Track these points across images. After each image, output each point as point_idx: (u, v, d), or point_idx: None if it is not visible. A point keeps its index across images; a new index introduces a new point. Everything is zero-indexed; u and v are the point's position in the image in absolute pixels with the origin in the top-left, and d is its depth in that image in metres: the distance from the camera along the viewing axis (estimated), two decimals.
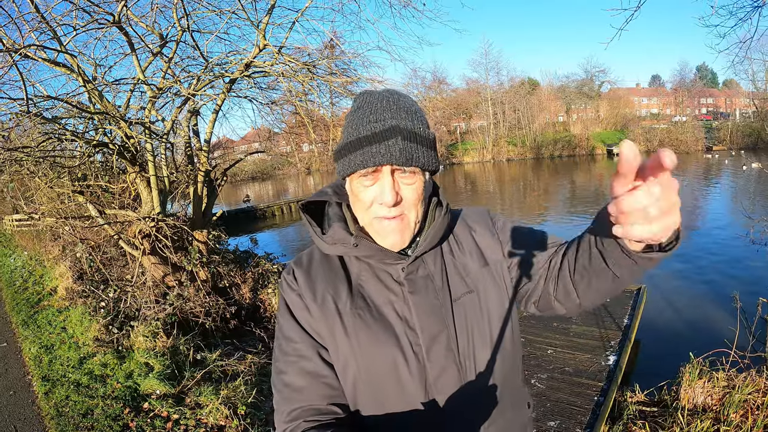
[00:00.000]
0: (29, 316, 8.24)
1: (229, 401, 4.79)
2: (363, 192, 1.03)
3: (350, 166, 1.00)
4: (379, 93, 1.06)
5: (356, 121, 1.02)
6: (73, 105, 5.85)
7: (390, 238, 1.04)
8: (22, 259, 13.20)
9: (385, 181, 1.00)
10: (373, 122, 0.99)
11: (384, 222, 1.03)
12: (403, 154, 0.97)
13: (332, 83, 7.08)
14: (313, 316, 1.08)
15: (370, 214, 1.04)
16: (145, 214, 6.77)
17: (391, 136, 0.97)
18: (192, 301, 6.88)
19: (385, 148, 0.97)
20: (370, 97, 1.05)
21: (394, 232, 1.04)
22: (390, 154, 0.97)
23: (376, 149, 0.97)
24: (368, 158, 0.97)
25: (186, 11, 5.78)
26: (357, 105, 1.06)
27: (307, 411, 1.02)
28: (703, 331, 7.37)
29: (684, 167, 32.99)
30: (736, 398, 3.95)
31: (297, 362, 1.06)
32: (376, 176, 1.01)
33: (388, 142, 0.97)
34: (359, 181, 1.02)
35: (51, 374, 5.79)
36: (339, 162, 1.05)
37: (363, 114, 1.02)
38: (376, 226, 1.05)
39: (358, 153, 0.98)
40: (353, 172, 1.01)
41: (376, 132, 0.98)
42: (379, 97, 1.04)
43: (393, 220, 1.02)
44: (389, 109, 1.01)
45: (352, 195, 1.07)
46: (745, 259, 10.34)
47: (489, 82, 56.93)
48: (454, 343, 1.07)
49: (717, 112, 61.03)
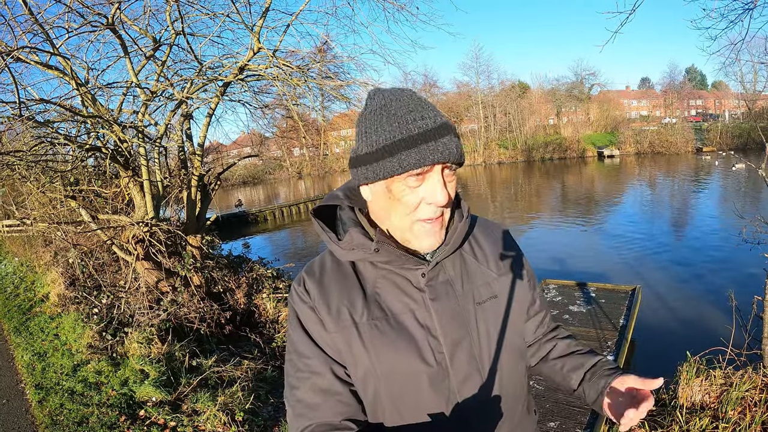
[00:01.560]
0: (21, 322, 8.15)
1: (226, 407, 4.75)
2: (409, 194, 0.96)
3: (401, 165, 0.93)
4: (398, 90, 1.00)
5: (392, 118, 0.95)
6: (65, 108, 5.80)
7: (429, 240, 1.01)
8: (13, 265, 13.07)
9: (436, 180, 0.95)
10: (420, 119, 0.94)
11: (427, 224, 0.99)
12: (459, 151, 0.96)
13: (326, 86, 7.06)
14: (327, 330, 1.04)
15: (413, 216, 0.98)
16: (138, 219, 6.71)
17: (445, 133, 0.94)
18: (186, 307, 6.82)
19: (442, 145, 0.93)
20: (395, 95, 0.99)
21: (435, 234, 1.01)
22: (449, 151, 0.93)
23: (433, 147, 0.92)
24: (425, 156, 0.92)
25: (180, 14, 5.76)
26: (380, 103, 0.98)
27: (321, 426, 0.99)
28: (699, 330, 7.42)
29: (675, 169, 33.28)
30: (733, 395, 3.96)
31: (309, 378, 1.03)
32: (423, 177, 0.95)
33: (444, 139, 0.93)
34: (404, 182, 0.95)
35: (44, 382, 5.72)
36: (374, 164, 0.96)
37: (399, 111, 0.95)
38: (417, 229, 0.99)
39: (413, 151, 0.92)
40: (404, 172, 0.93)
41: (429, 129, 0.93)
42: (407, 94, 0.99)
43: (435, 221, 0.99)
44: (428, 107, 0.97)
45: (390, 199, 0.99)
46: (739, 258, 10.44)
47: (480, 85, 57.18)
48: (477, 349, 1.05)
49: (706, 113, 61.60)
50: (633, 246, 13.40)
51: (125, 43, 6.06)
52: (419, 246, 1.02)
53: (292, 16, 6.66)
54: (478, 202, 26.20)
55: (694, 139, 43.73)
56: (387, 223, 1.03)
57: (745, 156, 29.99)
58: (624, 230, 15.51)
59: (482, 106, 55.30)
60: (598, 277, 9.80)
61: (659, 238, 14.20)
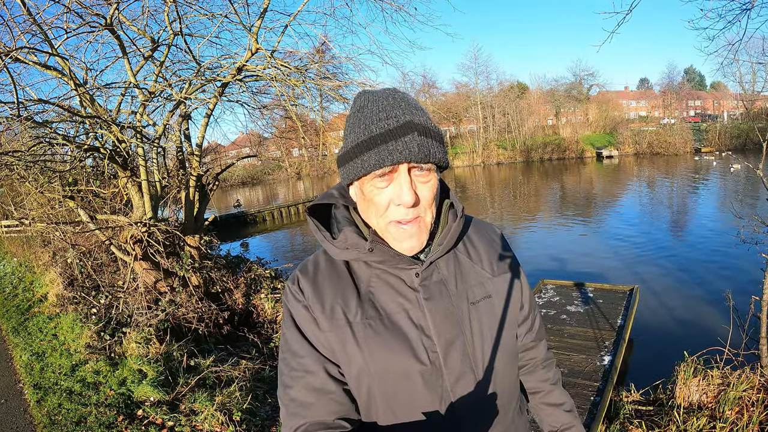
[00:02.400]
0: (20, 323, 8.14)
1: (224, 407, 4.75)
2: (377, 195, 0.97)
3: (363, 167, 0.94)
4: (382, 91, 1.02)
5: (364, 120, 0.97)
6: (64, 109, 5.80)
7: (407, 243, 1.00)
8: (12, 265, 13.06)
9: (402, 180, 0.95)
10: (385, 119, 0.94)
11: (401, 226, 0.98)
12: (422, 150, 0.93)
13: (324, 87, 7.06)
14: (321, 329, 1.04)
15: (385, 218, 0.99)
16: (136, 219, 6.71)
17: (407, 132, 0.93)
18: (184, 307, 6.82)
19: (402, 144, 0.92)
20: (374, 96, 1.00)
21: (412, 237, 1.00)
22: (408, 150, 0.92)
23: (392, 146, 0.92)
24: (385, 157, 0.92)
25: (178, 15, 5.75)
26: (359, 104, 1.01)
27: (314, 425, 0.99)
28: (696, 330, 7.44)
29: (673, 169, 33.30)
30: (731, 395, 3.97)
31: (303, 377, 1.03)
32: (390, 177, 0.95)
33: (405, 139, 0.92)
34: (372, 183, 0.96)
35: (43, 382, 5.72)
36: (347, 165, 0.99)
37: (370, 112, 0.97)
38: (392, 230, 1.00)
39: (372, 152, 0.93)
40: (366, 174, 0.95)
41: (391, 129, 0.93)
42: (384, 94, 1.00)
43: (410, 223, 0.98)
44: (398, 106, 0.96)
45: (364, 200, 1.01)
46: (737, 259, 10.47)
47: (479, 86, 57.22)
48: (470, 348, 1.06)
49: (705, 114, 61.65)
50: (631, 246, 13.42)
51: (123, 43, 6.06)
52: (398, 248, 1.02)
53: (290, 17, 6.67)
54: (476, 203, 26.21)
55: (692, 140, 43.78)
56: (373, 225, 1.04)
57: (744, 156, 30.10)
58: (622, 230, 15.54)
59: (481, 106, 55.32)
60: (595, 277, 9.83)
61: (657, 239, 14.22)
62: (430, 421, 1.03)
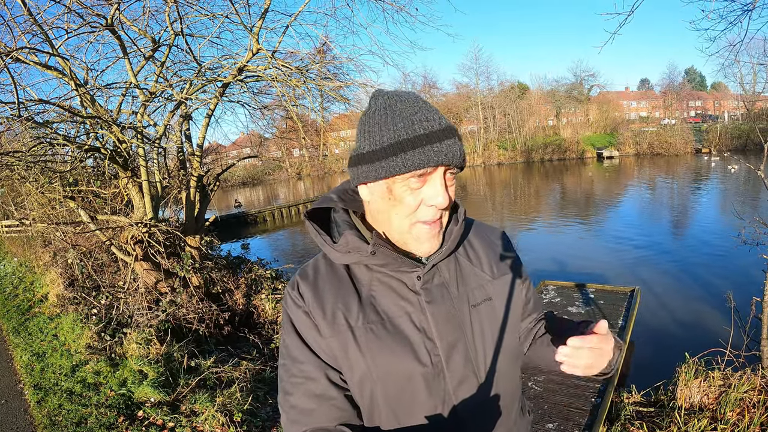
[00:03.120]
0: (20, 323, 8.14)
1: (224, 408, 4.75)
2: (409, 195, 0.96)
3: (405, 165, 0.92)
4: (405, 93, 1.00)
5: (397, 119, 0.95)
6: (64, 109, 5.80)
7: (428, 244, 1.00)
8: (12, 265, 13.06)
9: (438, 182, 0.95)
10: (426, 120, 0.94)
11: (426, 227, 0.98)
12: (462, 154, 0.96)
13: (325, 87, 7.06)
14: (323, 335, 1.03)
15: (413, 218, 0.98)
16: (137, 220, 6.71)
17: (450, 136, 0.94)
18: (185, 308, 6.82)
19: (447, 147, 0.93)
20: (399, 96, 0.99)
21: (433, 237, 1.00)
22: (452, 154, 0.93)
23: (438, 148, 0.92)
24: (429, 157, 0.92)
25: (179, 15, 5.75)
26: (384, 103, 0.98)
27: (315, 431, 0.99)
28: (697, 331, 7.42)
29: (674, 170, 33.29)
30: (732, 397, 3.97)
31: (303, 384, 1.02)
32: (425, 178, 0.95)
33: (448, 142, 0.93)
34: (406, 183, 0.95)
35: (43, 382, 5.72)
36: (376, 163, 0.96)
37: (403, 112, 0.95)
38: (416, 231, 0.99)
39: (417, 152, 0.92)
40: (407, 172, 0.93)
41: (435, 130, 0.93)
42: (411, 96, 0.99)
43: (434, 224, 0.99)
44: (433, 109, 0.97)
45: (390, 199, 0.98)
46: (737, 260, 10.44)
47: (479, 86, 57.17)
48: (472, 351, 1.06)
49: (705, 114, 61.63)
50: (631, 247, 13.40)
51: (124, 43, 6.05)
52: (417, 249, 1.01)
53: (291, 17, 6.68)
54: (477, 203, 26.21)
55: (693, 141, 43.76)
56: (385, 225, 1.03)
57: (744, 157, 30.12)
58: (623, 231, 15.51)
59: (481, 107, 55.30)
60: (596, 278, 9.81)
61: (658, 240, 14.20)
62: (432, 425, 1.03)
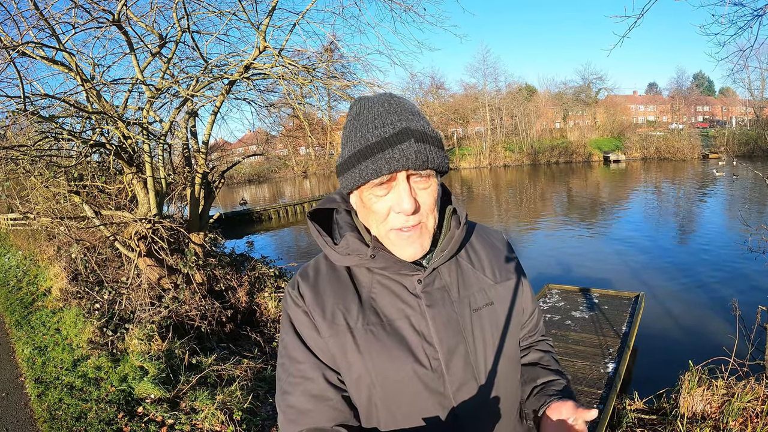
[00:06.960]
0: (23, 316, 8.18)
1: (224, 406, 4.73)
2: (377, 203, 0.96)
3: (361, 176, 0.93)
4: (377, 97, 1.00)
5: (360, 128, 0.95)
6: (70, 104, 5.81)
7: (409, 250, 0.99)
8: (17, 258, 13.14)
9: (401, 188, 0.93)
10: (381, 127, 0.93)
11: (403, 233, 0.97)
12: (419, 157, 0.92)
13: (331, 86, 7.05)
14: (321, 335, 1.03)
15: (386, 225, 0.98)
16: (141, 216, 6.71)
17: (403, 139, 0.91)
18: (188, 304, 6.81)
19: (399, 152, 0.90)
20: (369, 103, 0.99)
21: (414, 243, 0.99)
22: (405, 158, 0.90)
23: (389, 155, 0.90)
24: (382, 165, 0.91)
25: (186, 11, 5.76)
26: (355, 112, 0.99)
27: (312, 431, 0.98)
28: (701, 339, 7.38)
29: (680, 175, 33.14)
30: (735, 406, 3.93)
31: (301, 384, 1.02)
32: (389, 185, 0.94)
33: (402, 146, 0.90)
34: (371, 192, 0.95)
35: (44, 376, 5.73)
36: (345, 175, 0.98)
37: (366, 120, 0.95)
38: (393, 238, 0.99)
39: (369, 162, 0.91)
40: (365, 183, 0.94)
41: (387, 136, 0.91)
42: (379, 100, 0.98)
43: (412, 230, 0.97)
44: (394, 112, 0.95)
45: (364, 208, 1.01)
46: (743, 267, 10.38)
47: (487, 87, 57.06)
48: (473, 355, 1.04)
49: (713, 120, 61.41)
50: (637, 252, 13.34)
51: (131, 39, 6.07)
52: (400, 255, 1.01)
53: (298, 16, 6.67)
54: (482, 205, 26.18)
55: (700, 146, 43.59)
56: (375, 232, 1.03)
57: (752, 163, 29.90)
58: (628, 236, 15.46)
59: (489, 108, 55.21)
60: (601, 282, 9.76)
61: (664, 245, 14.15)
62: (431, 428, 1.02)
